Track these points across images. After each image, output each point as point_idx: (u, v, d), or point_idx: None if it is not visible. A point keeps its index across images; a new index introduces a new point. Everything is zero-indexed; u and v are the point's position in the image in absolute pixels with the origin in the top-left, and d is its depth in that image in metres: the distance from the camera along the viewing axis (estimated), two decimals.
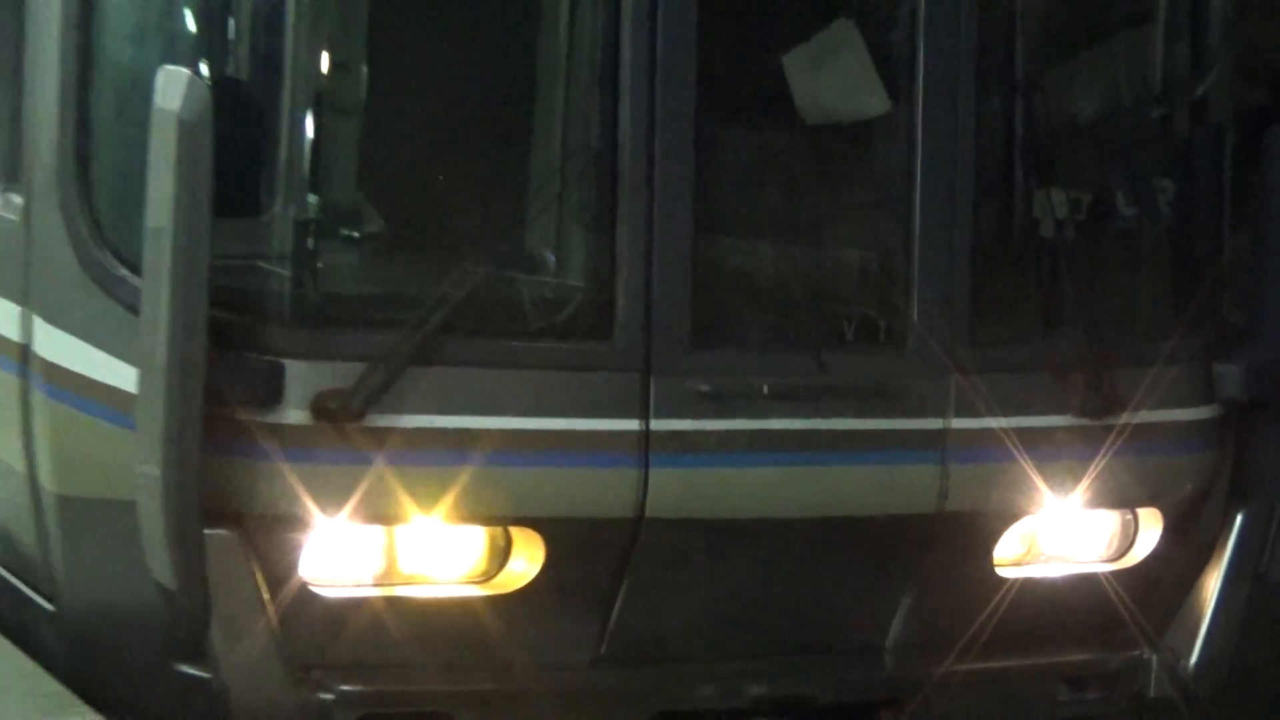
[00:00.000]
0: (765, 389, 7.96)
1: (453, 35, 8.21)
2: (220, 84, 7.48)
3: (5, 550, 8.79)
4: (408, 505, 7.63)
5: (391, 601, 7.82)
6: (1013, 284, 8.65)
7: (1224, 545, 8.86)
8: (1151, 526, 8.82)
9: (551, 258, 8.16)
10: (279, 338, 7.56)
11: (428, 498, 7.63)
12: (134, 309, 7.48)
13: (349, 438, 7.52)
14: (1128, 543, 8.82)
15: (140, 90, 7.49)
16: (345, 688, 7.73)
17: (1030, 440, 8.28)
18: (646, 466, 7.85)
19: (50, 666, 8.45)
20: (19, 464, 8.37)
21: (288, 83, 7.77)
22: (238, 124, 7.44)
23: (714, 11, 7.86)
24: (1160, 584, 8.85)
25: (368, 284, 8.12)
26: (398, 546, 7.81)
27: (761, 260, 8.31)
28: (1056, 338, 8.54)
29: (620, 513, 7.87)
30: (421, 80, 8.21)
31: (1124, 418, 8.45)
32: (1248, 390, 8.72)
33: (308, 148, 7.81)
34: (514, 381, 7.75)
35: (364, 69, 8.04)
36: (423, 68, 8.21)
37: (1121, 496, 8.64)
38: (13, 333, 8.38)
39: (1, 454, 8.56)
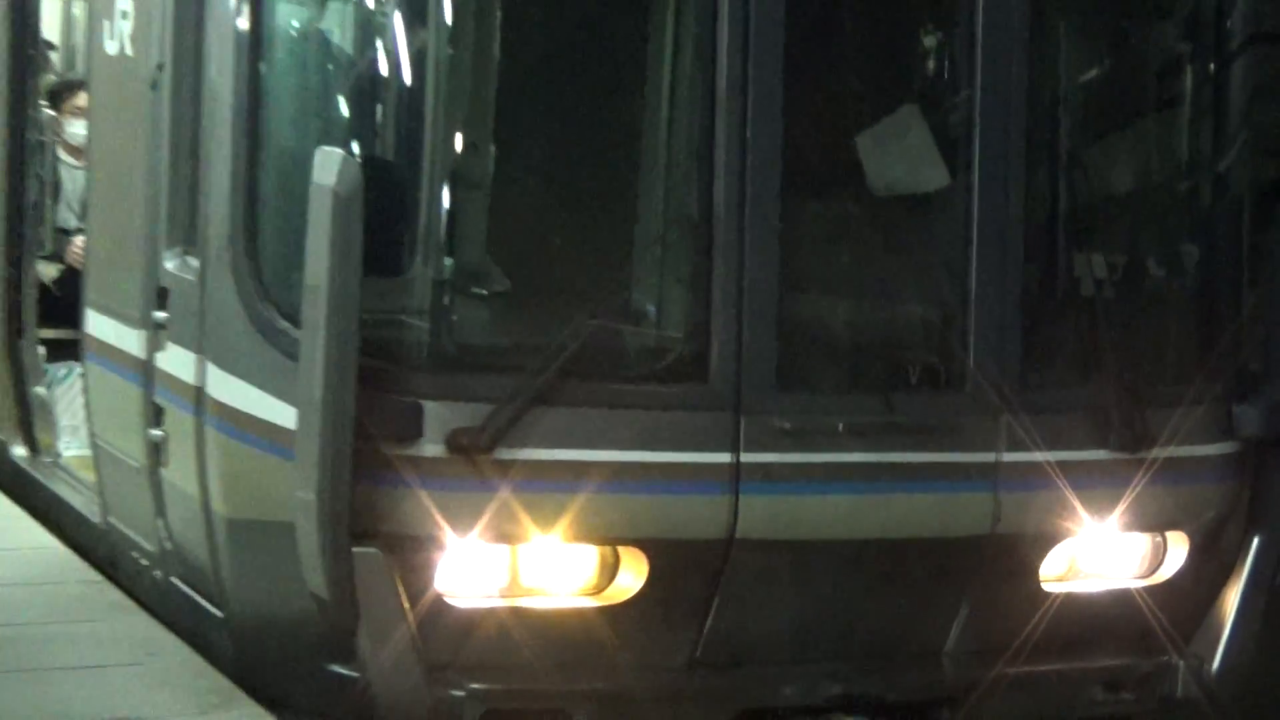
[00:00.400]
0: (840, 426, 7.90)
1: (569, 119, 8.25)
2: (369, 162, 7.52)
3: (181, 565, 8.80)
4: (529, 527, 7.60)
5: (515, 611, 7.79)
6: (1056, 335, 8.55)
7: (1243, 564, 8.73)
8: (1178, 547, 8.68)
9: (654, 312, 8.13)
10: (418, 382, 7.58)
11: (547, 521, 7.60)
12: (293, 356, 7.49)
13: (479, 469, 7.52)
14: (1157, 562, 8.70)
15: (300, 167, 7.52)
16: (474, 686, 7.70)
17: (1072, 472, 8.18)
18: (737, 494, 7.79)
19: (219, 665, 8.45)
20: (194, 491, 8.36)
21: (426, 160, 7.85)
22: (384, 196, 7.47)
23: (797, 99, 7.83)
24: (1186, 598, 8.73)
25: (495, 335, 8.11)
26: (520, 563, 7.77)
27: (837, 314, 8.27)
28: (1095, 382, 8.42)
29: (714, 534, 7.81)
30: (541, 158, 8.23)
31: (1154, 452, 8.34)
32: (1264, 428, 8.61)
33: (443, 217, 7.85)
34: (622, 419, 7.73)
35: (491, 149, 8.02)
36: (542, 148, 8.23)
37: (1152, 521, 8.53)
38: (189, 377, 8.37)
39: (179, 482, 8.55)
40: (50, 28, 13.47)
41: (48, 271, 11.52)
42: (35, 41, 11.82)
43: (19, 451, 11.26)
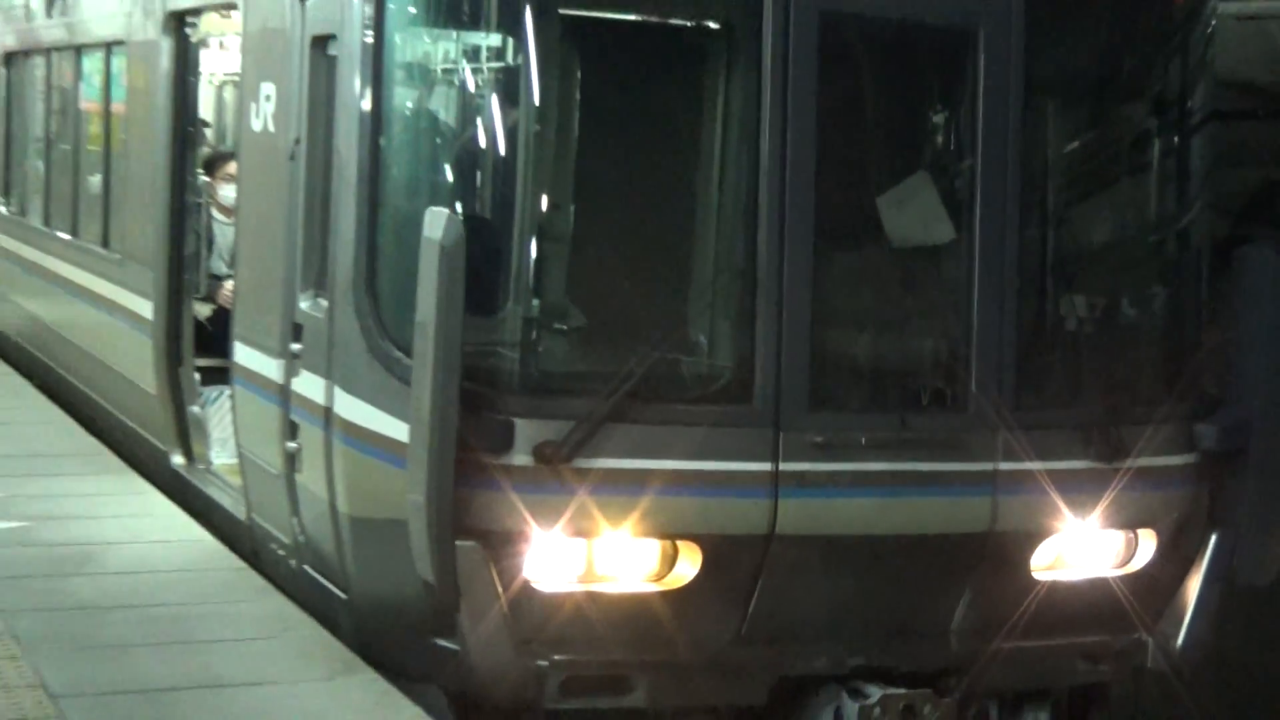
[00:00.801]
0: (863, 440, 7.89)
1: (637, 183, 8.28)
2: (470, 220, 7.55)
3: (312, 555, 8.85)
4: (602, 524, 7.61)
5: (589, 595, 7.79)
6: (1045, 363, 8.51)
7: (1203, 557, 8.66)
8: (1148, 543, 8.62)
9: (707, 344, 8.14)
10: (510, 403, 7.60)
11: (617, 519, 7.61)
12: (406, 381, 7.53)
13: (560, 475, 7.54)
14: (1130, 555, 8.63)
15: (412, 224, 7.55)
16: (556, 657, 7.71)
17: (1058, 479, 8.15)
18: (776, 497, 7.79)
19: (343, 638, 8.50)
20: (323, 493, 8.42)
21: (517, 218, 7.86)
22: (482, 248, 7.51)
23: (827, 168, 7.85)
24: (1155, 585, 8.67)
25: (574, 364, 8.11)
26: (595, 554, 7.75)
27: (859, 346, 8.25)
28: (1077, 403, 8.43)
29: (757, 531, 7.81)
30: (613, 216, 8.26)
31: (1128, 463, 8.29)
32: (1220, 443, 8.54)
33: (531, 265, 7.89)
34: (680, 434, 7.72)
35: (571, 209, 8.07)
36: (614, 207, 8.27)
37: (1126, 521, 8.46)
38: (319, 398, 8.43)
39: (310, 486, 8.61)
40: (205, 108, 13.62)
41: (202, 310, 11.59)
42: (193, 120, 11.94)
43: (178, 460, 11.34)
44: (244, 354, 9.70)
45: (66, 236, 14.31)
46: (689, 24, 8.32)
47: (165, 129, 11.35)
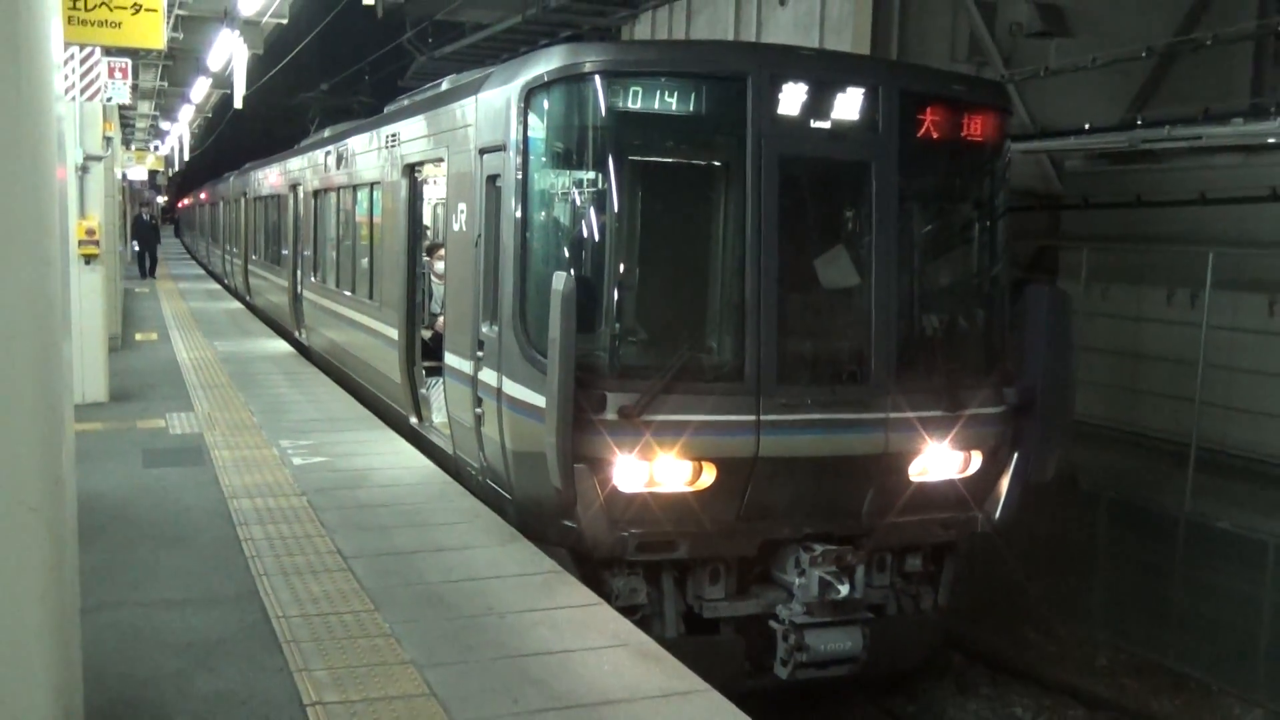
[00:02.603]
0: (809, 401, 7.78)
1: (676, 250, 8.17)
2: (579, 278, 7.46)
3: (491, 473, 8.80)
4: (659, 451, 7.50)
5: (652, 493, 7.67)
6: (914, 355, 8.30)
7: (1009, 467, 8.50)
8: (978, 458, 8.44)
9: (718, 347, 7.99)
10: (604, 383, 7.50)
11: (667, 448, 7.50)
12: (544, 372, 7.47)
13: (634, 424, 7.44)
14: (967, 465, 8.45)
15: (545, 281, 7.51)
16: (633, 529, 7.62)
17: (923, 421, 8.01)
18: (759, 435, 7.67)
19: (510, 521, 8.39)
20: (497, 437, 8.36)
21: (605, 277, 7.75)
22: (586, 294, 7.44)
23: (785, 243, 7.76)
24: (982, 483, 8.50)
25: (641, 360, 7.93)
26: (654, 470, 7.64)
27: (806, 347, 8.09)
28: (934, 377, 8.23)
29: (748, 455, 7.70)
30: (662, 274, 8.13)
31: (966, 412, 8.16)
32: (1018, 399, 8.41)
33: (614, 304, 7.75)
34: (704, 399, 7.61)
35: (637, 270, 7.95)
36: (662, 266, 8.13)
37: (965, 445, 8.29)
38: (494, 383, 8.36)
39: (490, 433, 8.55)
40: (427, 218, 13.68)
41: (425, 334, 11.61)
42: (419, 224, 11.92)
43: (413, 420, 11.30)
44: (451, 359, 9.62)
45: (349, 293, 14.33)
46: (705, 162, 8.19)
47: (404, 231, 11.32)
